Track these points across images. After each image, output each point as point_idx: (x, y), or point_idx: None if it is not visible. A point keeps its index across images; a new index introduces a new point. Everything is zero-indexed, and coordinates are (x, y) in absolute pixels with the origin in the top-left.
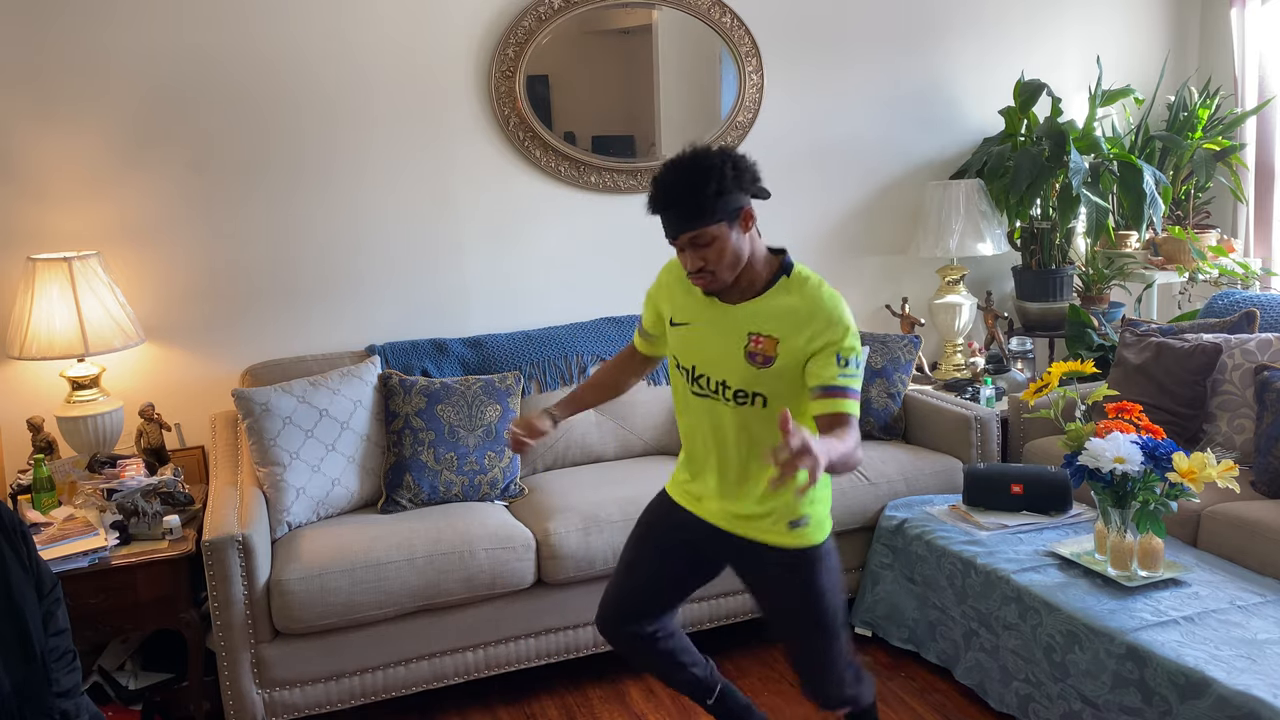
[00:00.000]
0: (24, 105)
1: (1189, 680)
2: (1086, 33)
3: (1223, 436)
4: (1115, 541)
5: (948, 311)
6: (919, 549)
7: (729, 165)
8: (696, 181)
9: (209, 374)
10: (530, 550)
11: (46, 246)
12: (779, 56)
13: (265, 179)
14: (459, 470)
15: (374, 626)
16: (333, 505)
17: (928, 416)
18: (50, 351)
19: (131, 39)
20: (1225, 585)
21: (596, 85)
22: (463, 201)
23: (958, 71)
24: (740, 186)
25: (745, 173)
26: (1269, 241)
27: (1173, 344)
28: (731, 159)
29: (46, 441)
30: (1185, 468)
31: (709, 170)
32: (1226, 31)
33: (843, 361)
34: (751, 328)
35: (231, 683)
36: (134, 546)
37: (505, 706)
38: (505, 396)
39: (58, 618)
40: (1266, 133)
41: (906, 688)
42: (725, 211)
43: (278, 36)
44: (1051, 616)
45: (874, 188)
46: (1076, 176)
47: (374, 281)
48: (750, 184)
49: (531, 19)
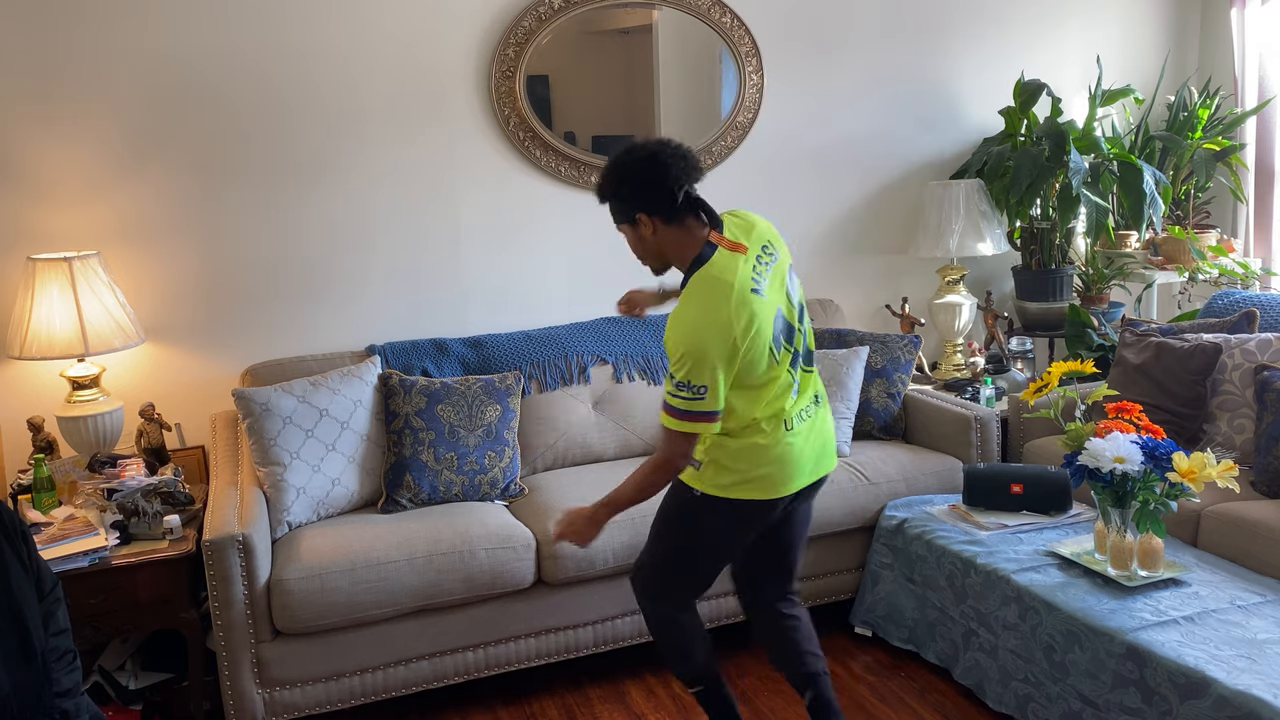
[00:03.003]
0: (25, 106)
1: (1189, 680)
2: (1086, 33)
3: (1223, 436)
4: (1115, 541)
5: (948, 311)
6: (919, 549)
7: (618, 173)
8: (601, 189)
9: (209, 374)
10: (530, 550)
11: (46, 246)
12: (779, 56)
13: (266, 179)
14: (459, 470)
15: (374, 626)
16: (333, 505)
17: (928, 416)
18: (50, 351)
19: (132, 40)
20: (1225, 585)
21: (596, 85)
22: (463, 201)
23: (958, 71)
24: (624, 197)
25: (638, 188)
26: (1269, 241)
27: (1173, 344)
28: (618, 171)
29: (47, 441)
30: (1185, 468)
31: (606, 175)
32: (1226, 31)
33: (672, 378)
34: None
35: (232, 683)
36: (134, 546)
37: (505, 706)
38: (505, 396)
39: (58, 618)
40: (1266, 133)
41: (906, 688)
42: (623, 216)
43: (278, 37)
44: (1051, 616)
45: (874, 188)
46: (1076, 176)
47: (374, 281)
48: (637, 195)
49: (531, 19)
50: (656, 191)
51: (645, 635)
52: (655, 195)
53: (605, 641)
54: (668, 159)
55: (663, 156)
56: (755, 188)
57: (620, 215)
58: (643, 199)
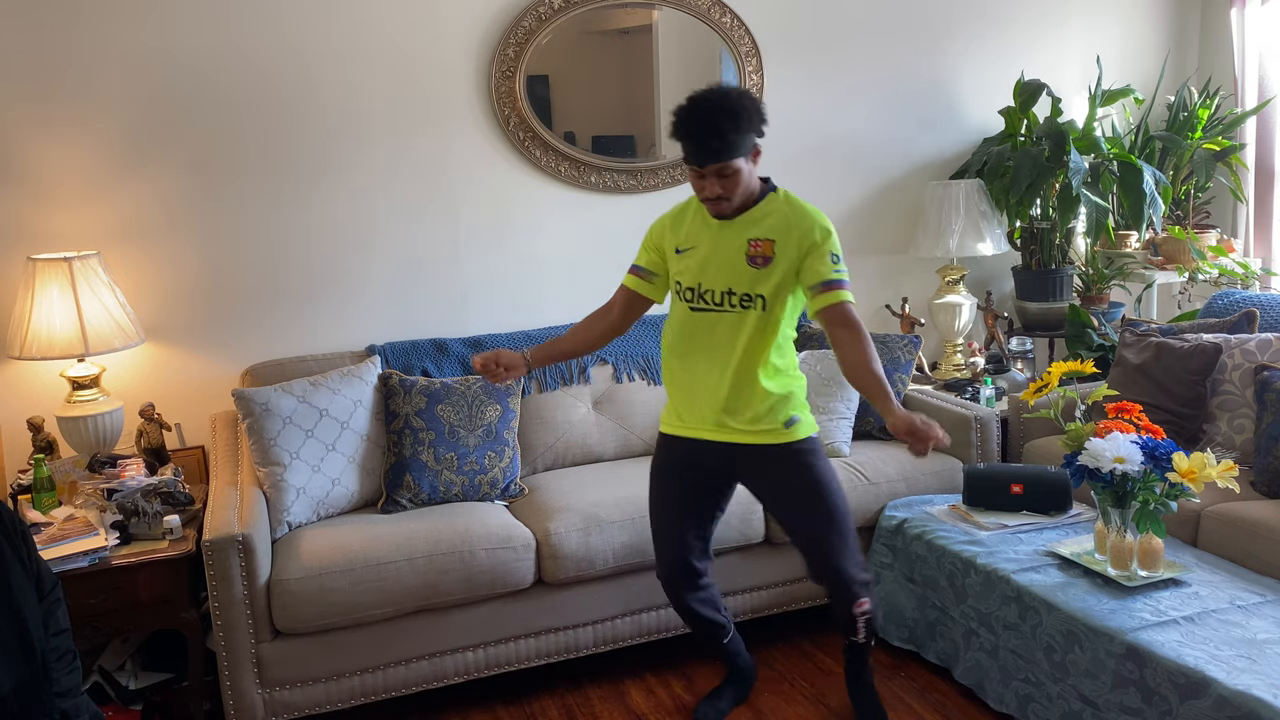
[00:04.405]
0: (24, 106)
1: (1189, 680)
2: (1086, 33)
3: (1223, 436)
4: (1115, 541)
5: (948, 311)
6: (919, 549)
7: (754, 107)
8: (729, 121)
9: (209, 374)
10: (530, 550)
11: (46, 246)
12: (779, 56)
13: (266, 179)
14: (459, 470)
15: (374, 626)
16: (333, 505)
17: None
18: (50, 351)
19: (132, 39)
20: (1225, 585)
21: (596, 85)
22: (463, 201)
23: (958, 71)
24: (756, 126)
25: (761, 114)
26: (1269, 241)
27: (1173, 344)
28: (755, 101)
29: (47, 441)
30: (1185, 468)
31: (739, 111)
32: (1226, 31)
33: (834, 259)
34: (750, 235)
35: (232, 683)
36: (134, 546)
37: (505, 706)
38: (505, 396)
39: (58, 618)
40: (1266, 133)
41: (906, 688)
42: (747, 148)
43: (277, 37)
44: (1051, 616)
45: (874, 188)
46: (1076, 176)
47: (374, 281)
48: (762, 123)
49: (531, 19)
50: (765, 121)
51: (645, 635)
52: (763, 123)
53: (605, 641)
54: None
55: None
56: None
57: (742, 147)
58: (759, 126)
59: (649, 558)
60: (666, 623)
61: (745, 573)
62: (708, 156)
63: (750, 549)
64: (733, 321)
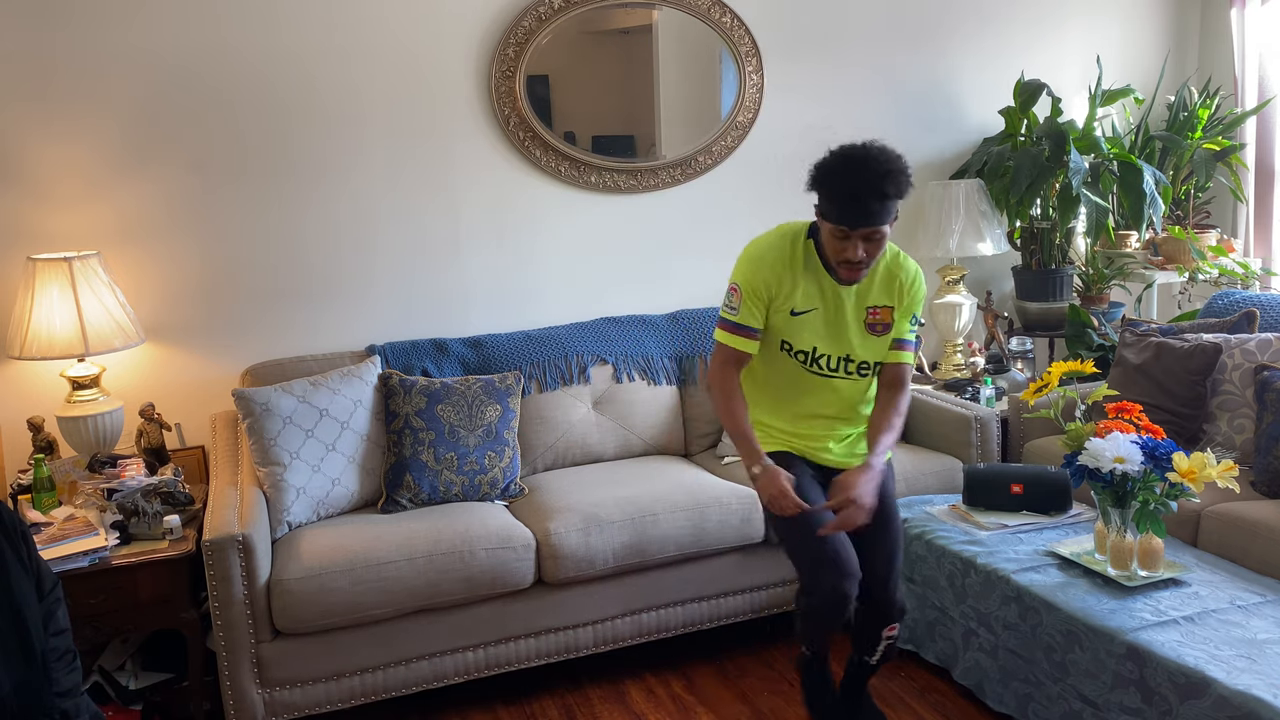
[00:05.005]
0: (24, 106)
1: (1189, 680)
2: (1086, 33)
3: (1223, 436)
4: (1115, 541)
5: (948, 311)
6: (919, 549)
7: (909, 171)
8: (893, 185)
9: (209, 374)
10: (530, 550)
11: (46, 246)
12: (779, 56)
13: (265, 179)
14: (459, 470)
15: (374, 626)
16: (333, 505)
17: (928, 416)
18: (50, 351)
19: (131, 39)
20: (1225, 585)
21: (596, 85)
22: (463, 201)
23: (958, 71)
24: (907, 192)
25: (911, 179)
26: (1269, 241)
27: (1173, 344)
28: (908, 165)
29: (47, 441)
30: (1185, 468)
31: (901, 174)
32: (1226, 31)
33: (915, 321)
34: (868, 302)
35: (232, 682)
36: (134, 546)
37: (505, 706)
38: (505, 396)
39: (58, 618)
40: (1266, 133)
41: (906, 688)
42: (895, 212)
43: (278, 36)
44: (1051, 616)
45: None
46: (1076, 176)
47: (374, 281)
48: (910, 189)
49: (531, 19)
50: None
51: (645, 635)
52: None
53: (605, 641)
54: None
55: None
56: (755, 188)
57: (894, 212)
58: (909, 191)
59: (649, 558)
60: (666, 623)
61: (745, 573)
62: (865, 219)
63: (750, 549)
64: (847, 385)
